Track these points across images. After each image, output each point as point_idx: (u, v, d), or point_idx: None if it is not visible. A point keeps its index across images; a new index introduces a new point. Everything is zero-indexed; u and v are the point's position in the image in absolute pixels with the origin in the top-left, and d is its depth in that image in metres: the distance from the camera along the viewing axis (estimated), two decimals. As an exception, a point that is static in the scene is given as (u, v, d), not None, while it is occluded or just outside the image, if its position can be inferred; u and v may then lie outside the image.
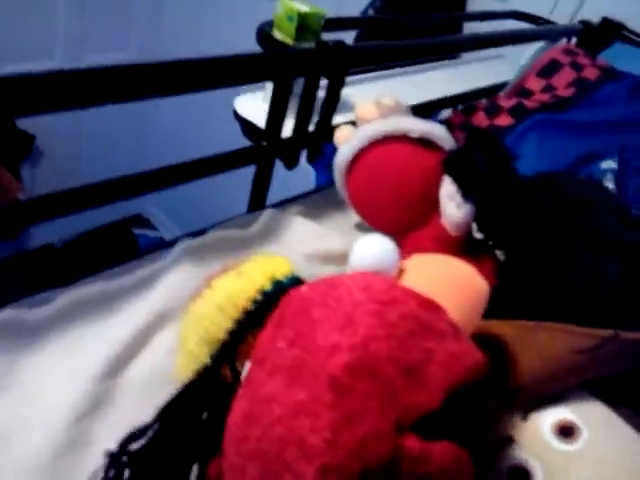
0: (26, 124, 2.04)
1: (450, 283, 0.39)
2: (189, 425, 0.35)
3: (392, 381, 0.29)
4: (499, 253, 0.60)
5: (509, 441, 0.34)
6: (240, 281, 0.40)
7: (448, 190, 0.58)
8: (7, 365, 0.50)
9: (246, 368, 0.35)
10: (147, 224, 2.92)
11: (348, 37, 0.92)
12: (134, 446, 0.34)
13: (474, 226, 0.60)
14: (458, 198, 0.57)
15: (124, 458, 0.34)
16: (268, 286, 0.39)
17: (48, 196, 0.58)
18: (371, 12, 1.53)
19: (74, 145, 2.38)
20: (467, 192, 0.56)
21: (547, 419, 0.34)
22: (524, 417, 0.34)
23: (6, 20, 1.88)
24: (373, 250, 0.40)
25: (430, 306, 0.33)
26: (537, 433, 0.33)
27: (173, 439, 0.34)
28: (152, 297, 0.58)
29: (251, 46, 0.77)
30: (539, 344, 0.36)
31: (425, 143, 0.63)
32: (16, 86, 0.45)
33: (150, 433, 0.35)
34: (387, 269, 0.39)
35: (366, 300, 0.32)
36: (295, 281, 0.41)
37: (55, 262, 2.48)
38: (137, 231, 2.83)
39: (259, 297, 0.38)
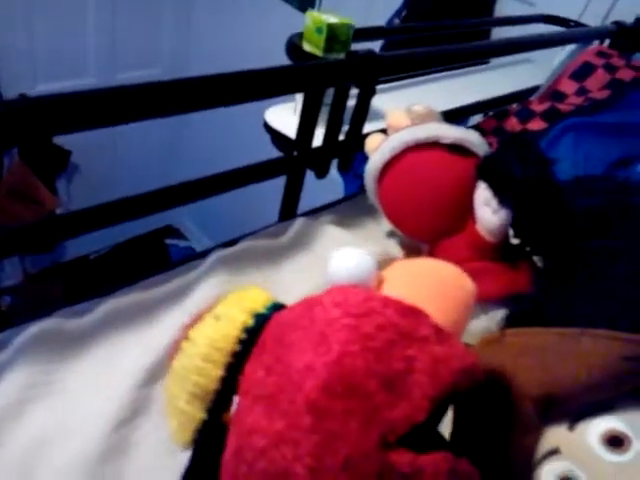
0: (62, 140, 2.10)
1: (431, 285, 0.39)
2: None
3: (371, 396, 0.27)
4: (536, 259, 0.59)
5: (555, 452, 0.33)
6: (220, 325, 0.36)
7: (483, 196, 0.57)
8: (50, 374, 0.52)
9: (234, 403, 0.34)
10: (177, 234, 2.97)
11: (375, 46, 0.92)
12: None
13: (510, 232, 0.59)
14: (494, 204, 0.56)
15: None
16: (250, 322, 0.36)
17: (83, 211, 0.59)
18: (397, 21, 1.52)
19: (109, 159, 2.44)
20: (503, 197, 0.55)
21: (595, 429, 0.33)
22: (571, 427, 0.33)
23: (39, 41, 1.95)
24: (347, 263, 0.39)
25: (409, 312, 0.32)
26: (585, 443, 0.32)
27: None
28: (188, 307, 0.59)
29: (280, 58, 0.78)
30: (584, 351, 0.35)
31: (458, 149, 0.62)
32: (54, 105, 0.45)
33: None
34: (364, 280, 0.39)
35: (340, 315, 0.31)
36: (276, 308, 0.38)
37: (89, 273, 2.55)
38: (168, 241, 2.88)
39: (244, 336, 0.35)
